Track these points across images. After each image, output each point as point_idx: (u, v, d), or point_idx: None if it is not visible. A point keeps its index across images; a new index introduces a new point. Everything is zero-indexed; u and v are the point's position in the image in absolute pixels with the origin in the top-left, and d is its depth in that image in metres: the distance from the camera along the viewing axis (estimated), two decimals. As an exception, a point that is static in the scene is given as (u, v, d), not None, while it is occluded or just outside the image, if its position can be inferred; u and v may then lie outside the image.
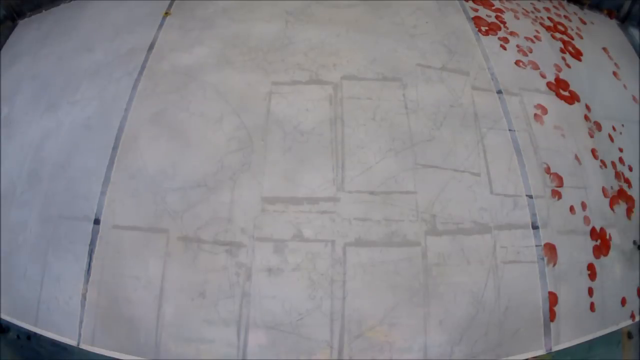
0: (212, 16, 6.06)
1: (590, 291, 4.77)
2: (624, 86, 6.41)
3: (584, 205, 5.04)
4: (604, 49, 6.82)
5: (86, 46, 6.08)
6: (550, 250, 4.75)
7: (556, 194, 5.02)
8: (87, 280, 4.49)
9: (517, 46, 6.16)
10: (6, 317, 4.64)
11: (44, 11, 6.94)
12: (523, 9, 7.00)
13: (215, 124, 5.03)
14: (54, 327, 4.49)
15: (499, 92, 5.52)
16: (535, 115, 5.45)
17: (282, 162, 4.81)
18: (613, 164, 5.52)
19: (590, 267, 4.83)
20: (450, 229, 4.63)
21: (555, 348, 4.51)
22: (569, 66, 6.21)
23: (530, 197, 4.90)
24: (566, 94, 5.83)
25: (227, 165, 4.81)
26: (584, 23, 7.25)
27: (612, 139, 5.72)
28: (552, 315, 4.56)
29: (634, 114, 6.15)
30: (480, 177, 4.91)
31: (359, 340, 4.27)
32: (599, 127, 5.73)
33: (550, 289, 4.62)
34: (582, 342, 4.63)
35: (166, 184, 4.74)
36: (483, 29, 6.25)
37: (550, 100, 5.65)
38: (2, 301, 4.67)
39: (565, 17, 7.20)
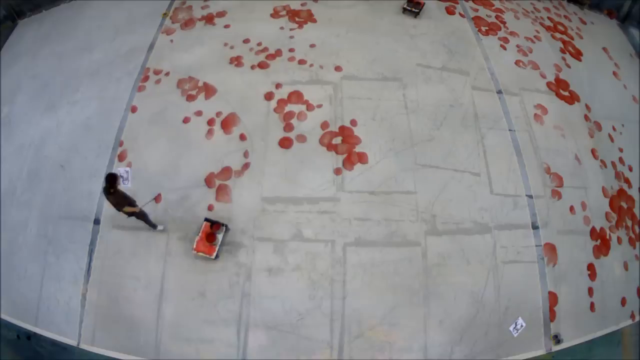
0: (212, 16, 6.09)
1: (590, 291, 4.77)
2: (624, 86, 6.42)
3: (584, 205, 5.04)
4: (604, 49, 6.82)
5: (86, 46, 6.09)
6: (550, 250, 4.76)
7: (556, 194, 5.02)
8: (87, 280, 4.49)
9: (517, 46, 6.16)
10: (6, 317, 4.64)
11: (44, 11, 6.94)
12: (523, 9, 7.01)
13: (215, 124, 5.04)
14: (54, 327, 4.50)
15: (499, 92, 5.54)
16: (535, 115, 5.46)
17: (282, 162, 4.84)
18: (613, 164, 5.53)
19: (590, 267, 4.84)
20: (450, 229, 4.64)
21: (556, 348, 4.52)
22: (569, 66, 6.21)
23: (530, 197, 4.91)
24: (566, 94, 5.84)
25: (227, 165, 4.85)
26: (584, 23, 7.25)
27: (612, 139, 5.73)
28: (552, 315, 4.56)
29: (634, 114, 6.15)
30: (480, 177, 4.93)
31: (359, 340, 4.27)
32: (599, 127, 5.74)
33: (550, 289, 4.62)
34: (582, 342, 4.63)
35: (166, 184, 4.78)
36: (483, 29, 6.26)
37: (550, 100, 5.67)
38: (2, 301, 4.67)
39: (565, 17, 7.21)
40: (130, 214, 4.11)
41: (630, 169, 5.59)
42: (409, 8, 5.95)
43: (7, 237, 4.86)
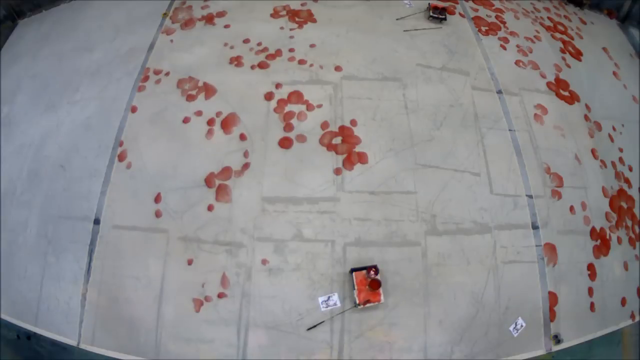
0: (212, 16, 6.09)
1: (590, 291, 4.77)
2: (624, 86, 6.41)
3: (584, 205, 5.04)
4: (604, 49, 6.81)
5: (86, 46, 6.07)
6: (550, 250, 4.75)
7: (556, 194, 5.02)
8: (87, 280, 4.49)
9: (517, 46, 6.13)
10: (6, 317, 4.64)
11: (44, 11, 6.94)
12: (523, 9, 6.99)
13: (215, 124, 5.04)
14: (54, 327, 4.50)
15: (499, 92, 5.52)
16: (535, 115, 5.45)
17: (282, 162, 4.82)
18: (613, 164, 5.52)
19: (590, 267, 4.84)
20: (450, 229, 4.62)
21: (555, 348, 4.52)
22: (569, 66, 6.20)
23: (530, 197, 4.90)
24: (566, 94, 5.83)
25: (227, 165, 4.83)
26: (584, 23, 7.24)
27: (612, 139, 5.72)
28: (552, 315, 4.56)
29: (634, 114, 6.14)
30: (480, 177, 4.91)
31: (359, 340, 4.27)
32: (599, 127, 5.73)
33: (550, 289, 4.62)
34: (582, 342, 4.64)
35: (166, 184, 4.75)
36: (483, 29, 6.24)
37: (550, 100, 5.65)
38: (2, 301, 4.67)
39: (565, 17, 7.20)
40: None
41: (630, 169, 5.59)
42: (434, 15, 5.97)
43: (7, 237, 4.86)
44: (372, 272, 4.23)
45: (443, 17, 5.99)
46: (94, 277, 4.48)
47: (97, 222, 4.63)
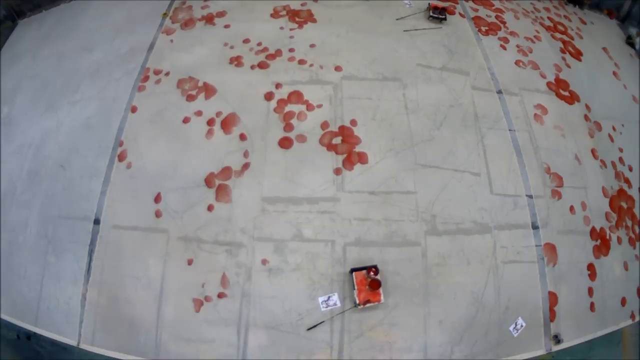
0: (212, 16, 6.09)
1: (590, 291, 4.77)
2: (624, 86, 6.41)
3: (584, 205, 5.04)
4: (604, 49, 6.81)
5: (86, 46, 6.07)
6: (550, 250, 4.75)
7: (556, 194, 5.02)
8: (87, 280, 4.49)
9: (517, 46, 6.13)
10: (6, 317, 4.64)
11: (44, 11, 6.94)
12: (523, 9, 6.99)
13: (215, 124, 5.04)
14: (54, 327, 4.50)
15: (499, 92, 5.51)
16: (535, 115, 5.45)
17: (282, 162, 4.81)
18: (613, 164, 5.53)
19: (590, 267, 4.84)
20: (450, 229, 4.62)
21: (556, 348, 4.52)
22: (569, 66, 6.20)
23: (530, 197, 4.90)
24: (566, 94, 5.83)
25: (227, 165, 4.83)
26: (584, 23, 7.24)
27: (612, 139, 5.72)
28: (552, 315, 4.56)
29: (634, 114, 6.14)
30: (480, 177, 4.91)
31: (359, 340, 4.27)
32: (599, 127, 5.73)
33: (550, 289, 4.62)
34: (582, 342, 4.64)
35: (166, 184, 4.75)
36: (483, 29, 6.24)
37: (550, 100, 5.65)
38: (2, 301, 4.67)
39: (565, 17, 7.19)
40: None
41: (630, 169, 5.59)
42: (434, 15, 5.97)
43: (7, 237, 4.86)
44: (372, 272, 4.23)
45: (443, 17, 5.99)
46: (94, 277, 4.48)
47: (97, 222, 4.63)
